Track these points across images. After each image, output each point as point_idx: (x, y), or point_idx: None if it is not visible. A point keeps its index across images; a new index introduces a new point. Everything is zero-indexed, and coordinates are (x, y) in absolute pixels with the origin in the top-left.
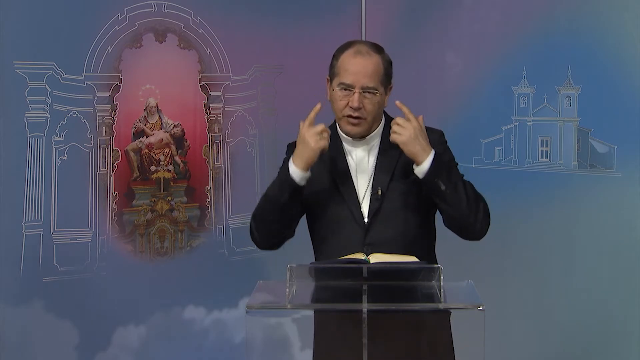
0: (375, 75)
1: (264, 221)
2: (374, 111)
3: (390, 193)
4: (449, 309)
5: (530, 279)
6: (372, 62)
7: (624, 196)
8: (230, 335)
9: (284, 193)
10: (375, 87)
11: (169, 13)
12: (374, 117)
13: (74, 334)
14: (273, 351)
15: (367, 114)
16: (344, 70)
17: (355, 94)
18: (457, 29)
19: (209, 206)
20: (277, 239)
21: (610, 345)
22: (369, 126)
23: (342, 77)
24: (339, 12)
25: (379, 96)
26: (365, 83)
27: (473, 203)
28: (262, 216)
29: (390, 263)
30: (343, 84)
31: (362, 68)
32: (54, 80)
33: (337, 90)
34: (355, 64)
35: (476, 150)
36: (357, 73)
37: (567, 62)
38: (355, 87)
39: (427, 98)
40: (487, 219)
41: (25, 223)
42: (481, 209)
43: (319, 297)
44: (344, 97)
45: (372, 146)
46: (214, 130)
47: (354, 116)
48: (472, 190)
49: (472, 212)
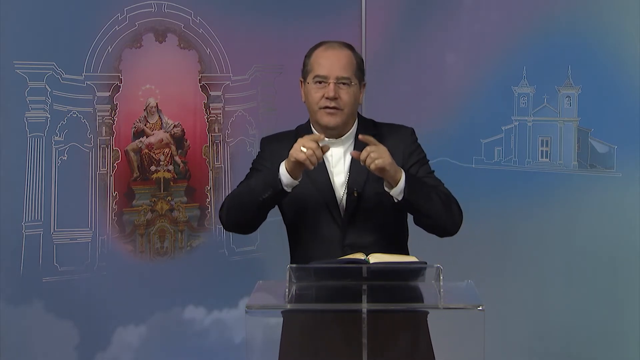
0: (348, 66)
1: (238, 209)
2: (350, 102)
3: (366, 194)
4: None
5: (530, 279)
6: (344, 54)
7: (624, 196)
8: (230, 335)
9: (267, 192)
10: (349, 77)
11: (169, 13)
12: (350, 109)
13: (74, 334)
14: (273, 351)
15: (344, 105)
16: (317, 65)
17: (330, 84)
18: (457, 29)
19: (209, 206)
20: (247, 227)
21: (610, 345)
22: (346, 118)
23: (316, 70)
24: (339, 12)
25: (354, 86)
26: (340, 73)
27: (447, 208)
28: (238, 205)
29: (390, 263)
30: (318, 76)
31: (336, 59)
32: (54, 80)
33: (311, 84)
34: (328, 56)
35: (476, 150)
36: (331, 65)
37: (567, 62)
38: (329, 77)
39: (427, 98)
40: (460, 216)
41: (25, 223)
42: (455, 210)
43: (319, 297)
44: (319, 89)
45: (347, 146)
46: (214, 130)
47: (330, 106)
48: (444, 195)
49: (448, 216)
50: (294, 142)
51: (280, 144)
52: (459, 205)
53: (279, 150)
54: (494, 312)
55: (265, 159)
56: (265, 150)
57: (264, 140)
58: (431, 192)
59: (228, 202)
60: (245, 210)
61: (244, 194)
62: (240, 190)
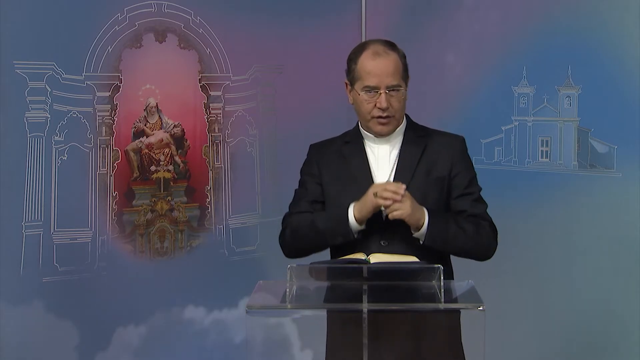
0: (396, 72)
1: (302, 243)
2: (401, 107)
3: (409, 190)
4: (449, 309)
5: (530, 279)
6: (392, 60)
7: (624, 196)
8: (230, 335)
9: (337, 239)
10: (399, 84)
11: (169, 13)
12: (401, 113)
13: (74, 334)
14: (273, 351)
15: (395, 112)
16: (366, 73)
17: (381, 95)
18: (457, 29)
19: (209, 206)
20: (307, 255)
21: (610, 344)
22: (397, 123)
23: (366, 80)
24: (339, 12)
25: (403, 92)
26: (390, 82)
27: (475, 241)
28: (302, 240)
29: (391, 263)
30: (368, 87)
31: (385, 68)
32: (54, 80)
33: (362, 94)
34: (377, 65)
35: (476, 150)
36: (380, 74)
37: (567, 62)
38: (380, 88)
39: (427, 98)
40: (492, 240)
41: (25, 223)
42: (483, 239)
43: (319, 297)
44: (370, 99)
45: (394, 143)
46: (214, 130)
47: (383, 116)
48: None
49: (475, 249)
50: (341, 147)
51: (327, 150)
52: (493, 228)
53: (326, 156)
54: (494, 312)
55: (312, 167)
56: (313, 157)
57: (311, 148)
58: (457, 232)
59: (291, 236)
60: (312, 249)
61: (311, 236)
62: (304, 227)
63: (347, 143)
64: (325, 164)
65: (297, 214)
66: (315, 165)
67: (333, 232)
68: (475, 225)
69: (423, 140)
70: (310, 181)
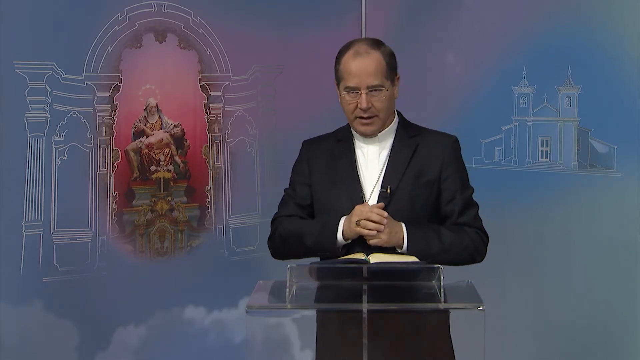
0: (377, 72)
1: (290, 251)
2: (384, 107)
3: (398, 193)
4: (449, 309)
5: (530, 279)
6: (372, 60)
7: (624, 196)
8: (230, 335)
9: (323, 252)
10: (380, 84)
11: (169, 13)
12: (386, 112)
13: (74, 334)
14: (273, 351)
15: (378, 111)
16: (347, 74)
17: (362, 95)
18: (457, 29)
19: (209, 206)
20: (295, 259)
21: (610, 345)
22: (382, 122)
23: (347, 80)
24: (339, 12)
25: (385, 91)
26: (370, 82)
27: (457, 251)
28: (291, 248)
29: (390, 263)
30: (348, 87)
31: (364, 68)
32: (54, 80)
33: (344, 95)
34: (356, 65)
35: (476, 150)
36: (359, 75)
37: (567, 62)
38: (360, 88)
39: (427, 98)
40: (482, 249)
41: (25, 223)
42: (468, 247)
43: (319, 297)
44: (352, 99)
45: (385, 144)
46: (214, 130)
47: (364, 117)
48: (452, 239)
49: (460, 258)
50: (334, 144)
51: (319, 147)
52: (480, 234)
53: (317, 155)
54: (494, 312)
55: (302, 165)
56: (304, 155)
57: (304, 145)
58: (439, 247)
59: (279, 242)
60: (300, 256)
61: (299, 248)
62: (292, 238)
63: (339, 141)
64: (316, 162)
65: (286, 217)
66: (305, 163)
67: (320, 248)
68: (458, 235)
69: (414, 140)
70: (299, 181)
